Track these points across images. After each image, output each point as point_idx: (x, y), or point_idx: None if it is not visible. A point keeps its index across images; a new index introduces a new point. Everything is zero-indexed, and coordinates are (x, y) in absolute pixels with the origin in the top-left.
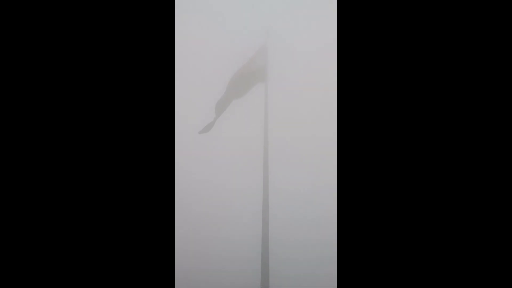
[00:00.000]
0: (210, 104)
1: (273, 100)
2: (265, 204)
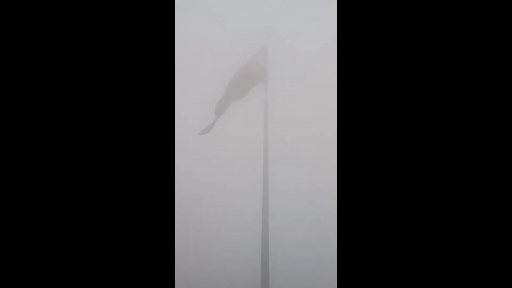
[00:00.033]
0: (210, 104)
1: (273, 99)
2: (265, 204)
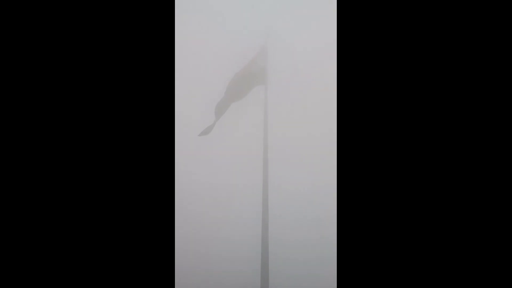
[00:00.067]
0: (210, 104)
1: (273, 99)
2: (265, 204)
